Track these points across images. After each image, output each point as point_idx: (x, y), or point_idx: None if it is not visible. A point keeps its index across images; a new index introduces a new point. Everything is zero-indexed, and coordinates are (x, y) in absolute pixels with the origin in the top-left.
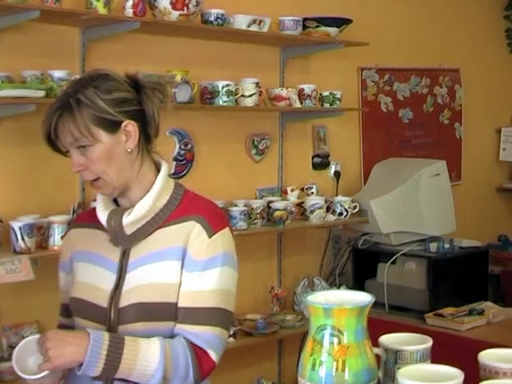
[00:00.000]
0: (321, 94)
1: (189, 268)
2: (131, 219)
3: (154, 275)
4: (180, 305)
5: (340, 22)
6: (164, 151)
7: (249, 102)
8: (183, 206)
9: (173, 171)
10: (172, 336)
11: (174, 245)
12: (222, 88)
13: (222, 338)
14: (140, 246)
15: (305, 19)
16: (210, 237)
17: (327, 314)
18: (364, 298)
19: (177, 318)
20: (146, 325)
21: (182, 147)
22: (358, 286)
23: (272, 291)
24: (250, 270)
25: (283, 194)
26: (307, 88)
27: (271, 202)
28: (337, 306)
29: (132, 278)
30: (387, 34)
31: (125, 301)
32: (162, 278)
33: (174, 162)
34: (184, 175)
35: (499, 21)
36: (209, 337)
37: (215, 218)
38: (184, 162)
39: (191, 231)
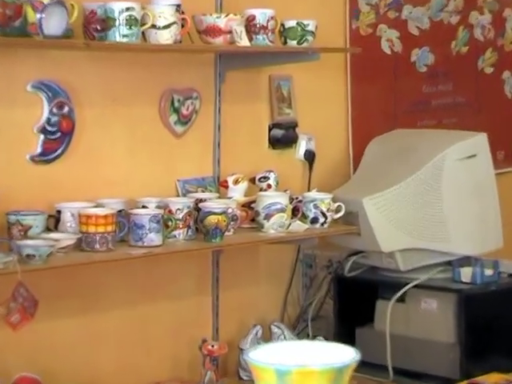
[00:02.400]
0: (282, 25)
1: None
2: None
3: None
4: None
5: None
6: (24, 117)
7: (165, 38)
8: None
9: (39, 150)
10: None
11: None
12: (120, 13)
13: None
14: None
15: None
16: None
17: (282, 379)
18: (345, 353)
19: None
20: None
21: (55, 111)
22: (345, 337)
23: (203, 347)
24: (166, 311)
25: (221, 187)
26: (260, 15)
27: (201, 200)
28: (298, 368)
29: None
30: None
31: None
32: None
33: (42, 136)
34: (57, 157)
35: None
36: None
37: None
38: (58, 135)
39: None
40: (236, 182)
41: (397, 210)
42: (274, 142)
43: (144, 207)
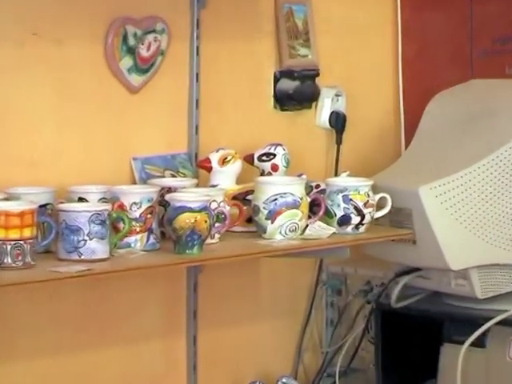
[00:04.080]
0: None
1: None
2: None
3: None
4: None
5: None
6: None
7: None
8: None
9: None
10: None
11: None
12: None
13: None
14: None
15: None
16: None
17: None
18: None
19: None
20: None
21: None
22: None
23: None
24: (118, 361)
25: (201, 169)
26: None
27: (170, 190)
28: None
29: None
30: None
31: None
32: None
33: None
34: None
35: None
36: None
37: None
38: None
39: None
40: (224, 161)
41: (472, 206)
42: (283, 100)
43: (81, 200)
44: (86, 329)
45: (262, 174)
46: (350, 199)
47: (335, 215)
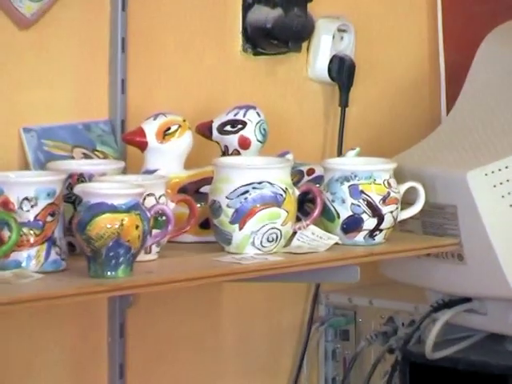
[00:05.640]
0: None
1: None
2: None
3: None
4: None
5: None
6: None
7: None
8: None
9: None
10: None
11: None
12: None
13: None
14: None
15: None
16: None
17: None
18: None
19: None
20: None
21: None
22: None
23: None
24: None
25: (131, 143)
26: None
27: (82, 178)
28: None
29: None
30: None
31: None
32: None
33: None
34: None
35: None
36: None
37: None
38: None
39: None
40: (165, 134)
41: None
42: (258, 39)
43: None
44: None
45: (225, 152)
46: (362, 191)
47: (338, 216)
